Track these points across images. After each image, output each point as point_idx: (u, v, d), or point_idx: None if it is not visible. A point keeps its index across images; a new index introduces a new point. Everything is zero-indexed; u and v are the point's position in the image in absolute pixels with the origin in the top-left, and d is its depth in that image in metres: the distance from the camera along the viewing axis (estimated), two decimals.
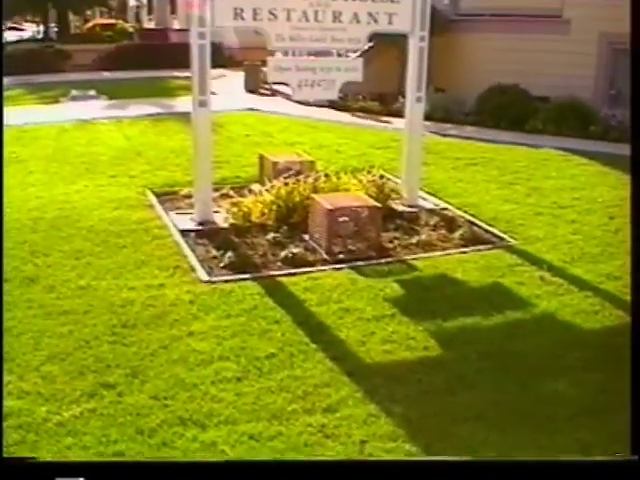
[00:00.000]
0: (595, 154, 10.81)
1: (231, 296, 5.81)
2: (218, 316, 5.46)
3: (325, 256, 6.73)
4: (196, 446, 3.93)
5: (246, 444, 3.95)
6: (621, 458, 3.29)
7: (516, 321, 5.57)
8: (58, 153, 10.98)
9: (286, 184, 7.69)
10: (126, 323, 5.32)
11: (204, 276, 6.21)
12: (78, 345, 4.98)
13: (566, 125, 12.42)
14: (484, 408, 4.39)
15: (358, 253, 6.82)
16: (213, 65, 7.43)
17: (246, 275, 6.24)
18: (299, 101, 15.54)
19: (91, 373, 4.64)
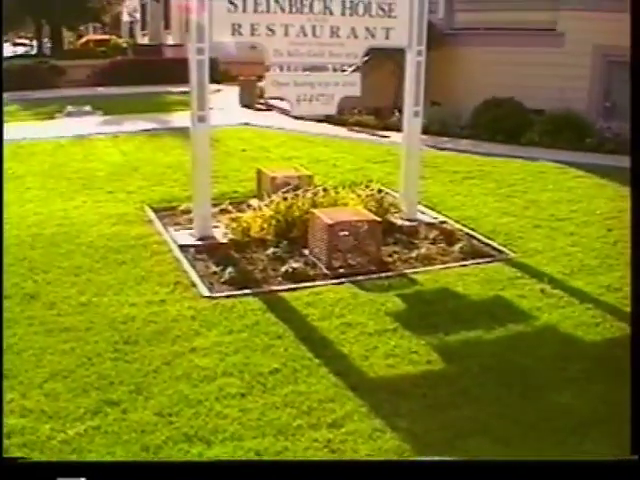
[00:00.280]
0: (591, 166, 10.85)
1: (233, 312, 5.80)
2: (220, 332, 5.46)
3: (325, 271, 6.74)
4: None
5: None
6: (621, 458, 3.30)
7: (518, 334, 5.58)
8: (55, 169, 10.98)
9: (285, 199, 7.70)
10: (128, 339, 5.31)
11: (205, 292, 6.20)
12: (80, 362, 4.97)
13: (561, 137, 12.47)
14: (489, 422, 4.39)
15: (358, 267, 6.82)
16: (208, 80, 7.43)
17: (247, 290, 6.24)
18: (295, 116, 15.60)
19: (94, 390, 4.62)
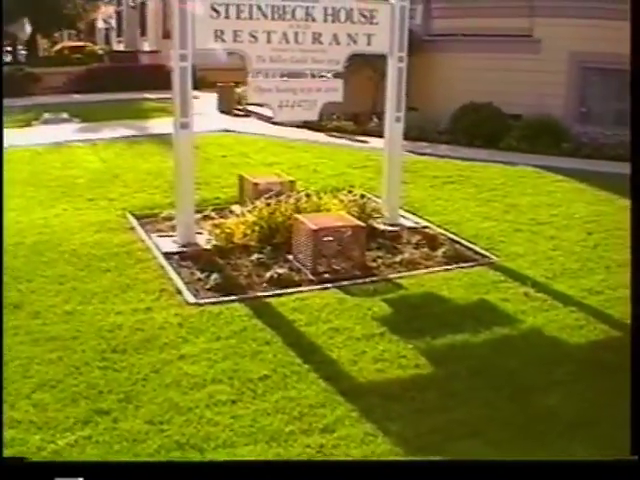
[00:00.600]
0: (569, 171, 10.99)
1: (220, 318, 5.80)
2: (208, 339, 5.45)
3: (310, 276, 6.75)
4: None
5: None
6: (621, 458, 3.33)
7: (504, 337, 5.64)
8: (34, 177, 10.88)
9: (268, 205, 7.71)
10: (116, 348, 5.28)
11: (191, 298, 6.19)
12: (68, 371, 4.93)
13: (539, 142, 12.62)
14: (478, 424, 4.42)
15: (343, 273, 6.84)
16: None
17: (233, 297, 6.23)
18: (274, 121, 15.61)
19: (83, 399, 4.59)
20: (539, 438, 4.28)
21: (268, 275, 6.68)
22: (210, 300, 6.16)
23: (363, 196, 8.43)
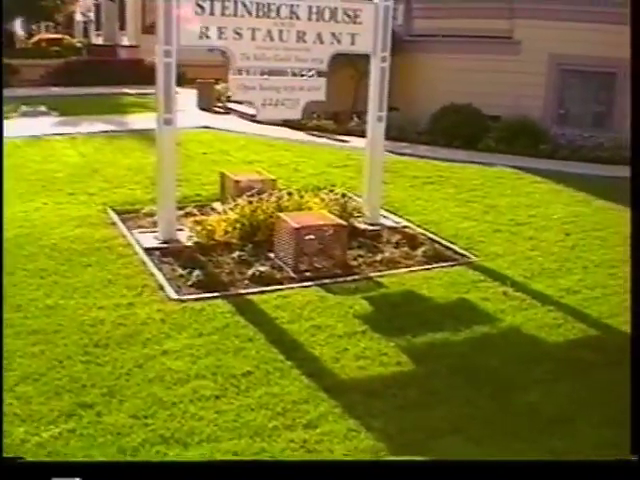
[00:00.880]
0: (547, 172, 11.13)
1: (202, 314, 5.82)
2: (190, 335, 5.47)
3: (292, 274, 6.78)
4: None
5: None
6: (621, 458, 3.36)
7: (483, 335, 5.71)
8: (12, 170, 10.74)
9: (250, 202, 7.73)
10: (98, 342, 5.28)
11: (173, 294, 6.20)
12: (51, 365, 4.93)
13: (517, 144, 12.74)
14: (459, 421, 4.49)
15: (324, 271, 6.89)
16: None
17: (216, 293, 6.25)
18: (254, 119, 15.60)
19: (67, 393, 4.59)
20: (519, 434, 4.36)
21: (250, 272, 6.70)
22: (192, 296, 6.18)
23: (344, 195, 8.48)
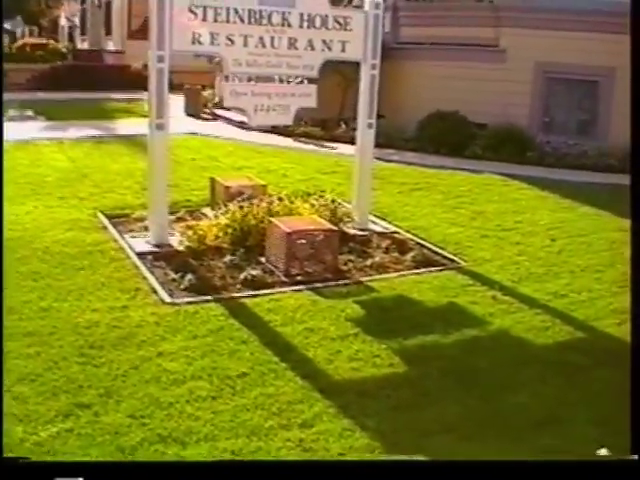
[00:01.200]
0: (533, 179, 11.27)
1: (196, 317, 5.87)
2: (185, 337, 5.52)
3: (283, 278, 6.85)
4: None
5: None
6: (621, 458, 3.41)
7: (473, 338, 5.81)
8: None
9: (240, 207, 7.79)
10: (93, 344, 5.33)
11: (166, 298, 6.25)
12: (47, 366, 4.96)
13: (504, 151, 12.88)
14: (451, 421, 4.58)
15: (315, 275, 6.96)
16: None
17: (209, 297, 6.31)
18: (242, 126, 15.69)
19: (64, 393, 4.63)
20: (510, 432, 4.46)
21: (242, 276, 6.76)
22: (185, 300, 6.23)
23: (334, 201, 8.56)
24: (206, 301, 6.22)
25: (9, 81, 23.58)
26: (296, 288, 6.62)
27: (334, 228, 7.28)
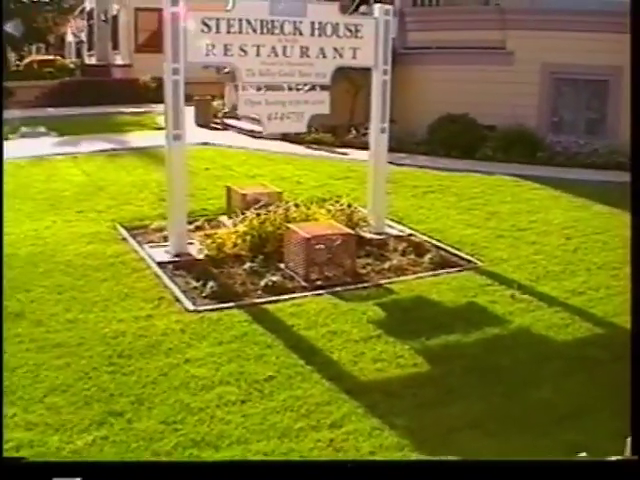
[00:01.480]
0: (544, 179, 11.32)
1: (220, 324, 5.97)
2: (211, 343, 5.62)
3: (303, 283, 6.94)
4: None
5: None
6: (621, 458, 3.45)
7: (494, 337, 5.88)
8: (19, 190, 10.92)
9: (258, 215, 7.89)
10: (121, 353, 5.43)
11: (190, 306, 6.35)
12: (78, 376, 5.07)
13: (514, 152, 12.94)
14: (476, 417, 4.66)
15: (335, 279, 7.05)
16: (159, 101, 7.56)
17: (231, 304, 6.40)
18: (253, 134, 15.82)
19: (96, 402, 4.73)
20: (534, 428, 4.53)
21: (262, 283, 6.85)
22: (209, 307, 6.33)
23: (350, 206, 8.65)
24: (229, 308, 6.32)
25: (18, 99, 23.91)
26: (317, 292, 6.71)
27: (351, 232, 7.37)
